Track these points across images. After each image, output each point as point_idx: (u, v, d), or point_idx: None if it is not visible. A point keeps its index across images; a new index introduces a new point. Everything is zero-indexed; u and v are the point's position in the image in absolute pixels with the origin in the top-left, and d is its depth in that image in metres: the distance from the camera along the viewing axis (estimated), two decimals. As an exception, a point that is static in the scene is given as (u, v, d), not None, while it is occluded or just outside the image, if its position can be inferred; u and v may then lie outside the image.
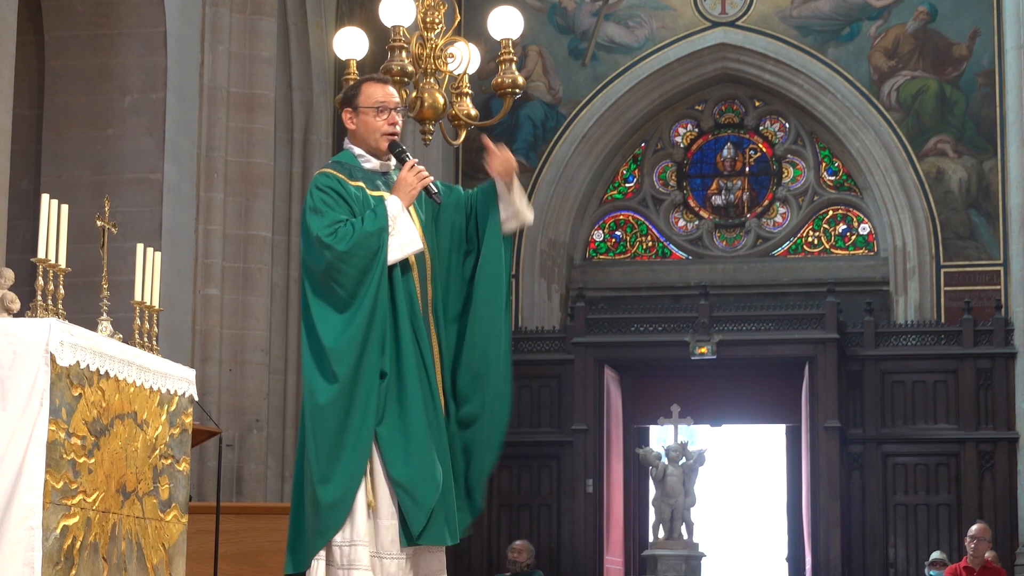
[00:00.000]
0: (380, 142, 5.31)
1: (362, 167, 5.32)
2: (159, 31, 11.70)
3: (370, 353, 5.09)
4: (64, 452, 5.21)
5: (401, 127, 5.39)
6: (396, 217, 5.15)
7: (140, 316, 6.14)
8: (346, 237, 5.05)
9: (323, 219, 5.10)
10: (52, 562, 5.10)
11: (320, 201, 5.14)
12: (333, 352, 5.05)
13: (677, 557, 15.40)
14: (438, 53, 7.65)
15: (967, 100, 16.93)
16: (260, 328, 12.80)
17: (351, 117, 5.33)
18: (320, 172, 5.28)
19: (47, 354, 5.14)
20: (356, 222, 5.10)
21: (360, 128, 5.33)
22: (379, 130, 5.30)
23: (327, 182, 5.20)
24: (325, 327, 5.09)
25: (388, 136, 5.32)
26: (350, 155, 5.36)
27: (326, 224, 5.08)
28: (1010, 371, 15.99)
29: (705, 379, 16.98)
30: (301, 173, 14.83)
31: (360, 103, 5.31)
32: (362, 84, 5.38)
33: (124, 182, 11.47)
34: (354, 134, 5.36)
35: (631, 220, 18.14)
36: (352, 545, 5.05)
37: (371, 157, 5.34)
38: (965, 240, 16.77)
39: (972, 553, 11.80)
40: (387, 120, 5.30)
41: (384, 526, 5.11)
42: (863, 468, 16.16)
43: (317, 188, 5.18)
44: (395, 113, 5.34)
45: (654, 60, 17.70)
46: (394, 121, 5.32)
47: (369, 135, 5.31)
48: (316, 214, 5.12)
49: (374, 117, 5.29)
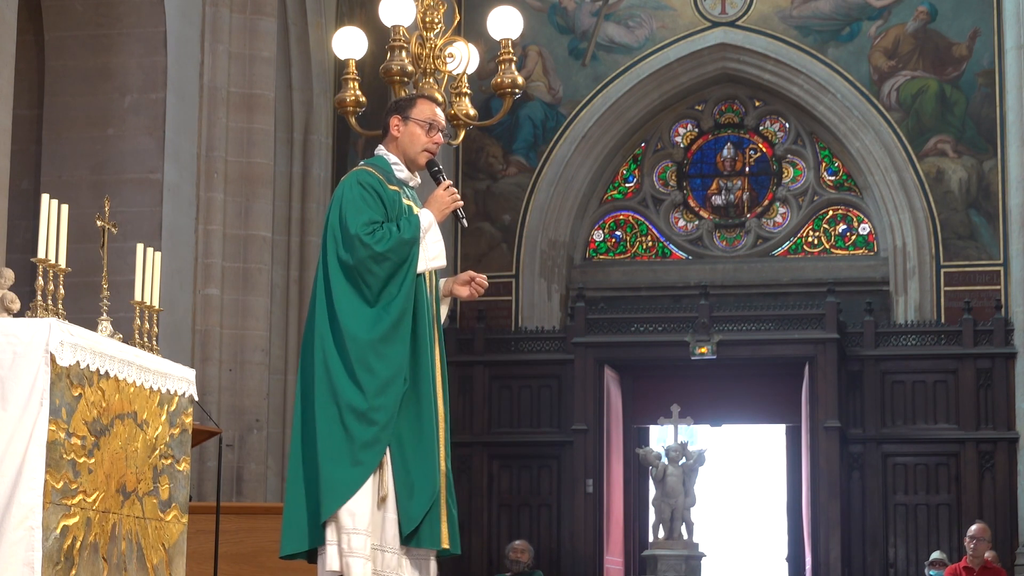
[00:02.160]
0: (420, 156, 5.47)
1: (395, 175, 5.44)
2: (159, 31, 11.70)
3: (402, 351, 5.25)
4: (64, 452, 5.21)
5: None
6: (427, 230, 5.31)
7: (140, 316, 6.15)
8: (384, 240, 5.19)
9: (361, 216, 5.22)
10: (52, 562, 5.10)
11: (360, 197, 5.26)
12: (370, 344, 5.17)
13: (677, 557, 15.39)
14: (437, 53, 7.65)
15: (967, 100, 16.93)
16: (260, 328, 12.80)
17: (398, 125, 5.46)
18: (360, 169, 5.39)
19: (47, 354, 5.14)
20: (393, 227, 5.23)
21: (404, 138, 5.46)
22: (423, 145, 5.45)
23: (369, 180, 5.31)
24: (350, 317, 5.20)
25: (428, 153, 5.48)
26: (385, 161, 5.47)
27: (365, 222, 5.21)
28: (1010, 371, 15.99)
29: (705, 379, 16.98)
30: (301, 173, 14.83)
31: (413, 114, 5.46)
32: (418, 98, 5.54)
33: (124, 182, 11.47)
34: (395, 142, 5.48)
35: (631, 220, 18.14)
36: (356, 533, 5.10)
37: (404, 167, 5.48)
38: (965, 240, 16.77)
39: (972, 553, 11.80)
40: (432, 138, 5.46)
41: (390, 519, 5.18)
42: (863, 468, 16.16)
43: (359, 184, 5.29)
44: (440, 134, 5.50)
45: (654, 60, 17.69)
46: (438, 141, 5.49)
47: (411, 146, 5.45)
48: (355, 209, 5.23)
49: (423, 131, 5.44)
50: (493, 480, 16.85)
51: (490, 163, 17.83)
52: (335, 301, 5.22)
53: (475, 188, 17.81)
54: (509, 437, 16.80)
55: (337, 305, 5.22)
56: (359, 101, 7.94)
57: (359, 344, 5.17)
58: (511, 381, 16.89)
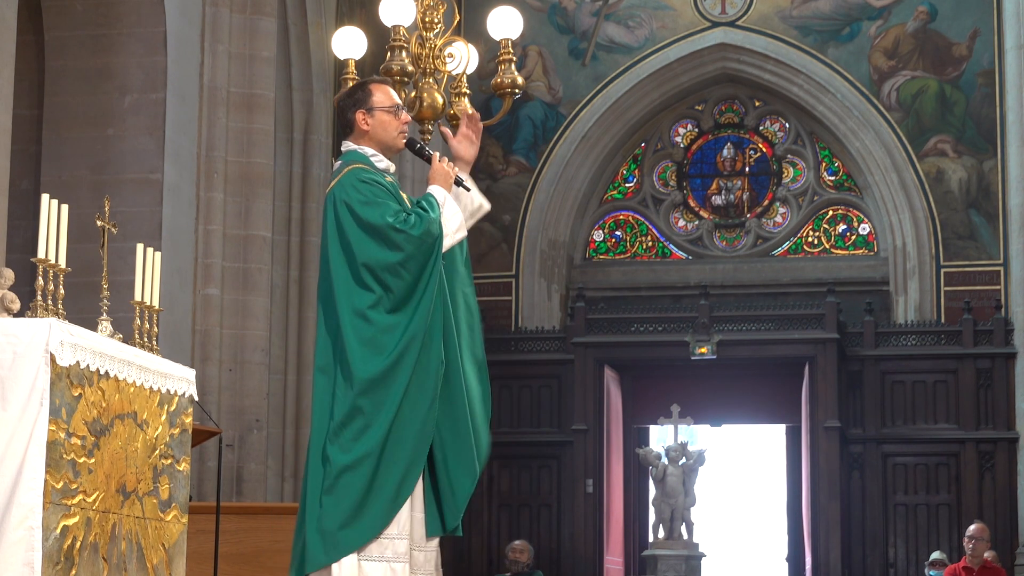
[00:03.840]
0: (398, 140, 5.39)
1: (376, 166, 5.36)
2: (159, 31, 11.69)
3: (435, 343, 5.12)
4: (64, 452, 5.21)
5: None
6: (444, 204, 5.23)
7: (140, 316, 6.15)
8: (417, 224, 5.08)
9: (382, 209, 5.11)
10: (52, 562, 5.10)
11: (371, 193, 5.16)
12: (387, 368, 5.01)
13: (677, 557, 15.39)
14: (437, 53, 7.64)
15: (967, 100, 16.93)
16: (260, 328, 12.79)
17: (365, 118, 5.37)
18: (356, 167, 5.27)
19: (47, 354, 5.14)
20: (418, 210, 5.14)
21: (376, 129, 5.37)
22: (397, 128, 5.38)
23: (370, 176, 5.23)
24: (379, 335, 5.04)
25: (404, 134, 5.42)
26: (361, 155, 5.37)
27: (391, 213, 5.10)
28: (1010, 371, 16.00)
29: (705, 379, 16.98)
30: (301, 173, 14.82)
31: (375, 104, 5.37)
32: (370, 86, 5.42)
33: (124, 182, 11.47)
34: (365, 136, 5.39)
35: (631, 220, 18.14)
36: (400, 538, 5.00)
37: (383, 156, 5.39)
38: (965, 240, 16.77)
39: (971, 553, 11.80)
40: (402, 120, 5.40)
41: (417, 519, 5.10)
42: (863, 468, 16.16)
43: (362, 182, 5.19)
44: (404, 111, 5.44)
45: (654, 60, 17.70)
46: (407, 119, 5.44)
47: (386, 134, 5.37)
48: (372, 206, 5.12)
49: (392, 116, 5.37)
50: (493, 480, 16.85)
51: (490, 163, 17.83)
52: (339, 305, 5.08)
53: (475, 188, 17.81)
54: (509, 437, 16.79)
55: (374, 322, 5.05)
56: (359, 101, 7.92)
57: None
58: (511, 381, 16.89)
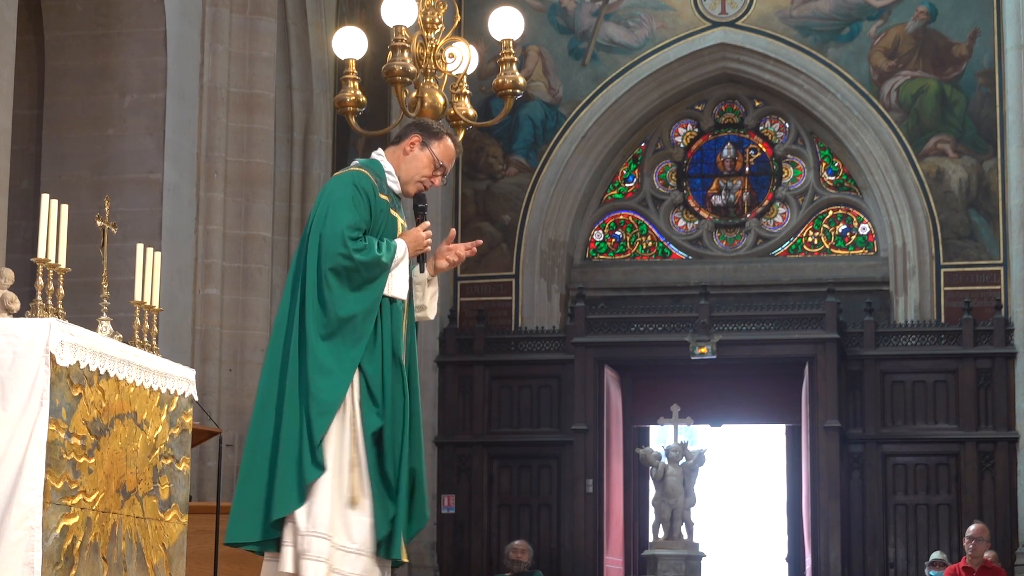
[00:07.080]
0: (413, 186, 5.48)
1: (387, 182, 5.45)
2: (159, 31, 11.70)
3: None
4: (64, 452, 5.21)
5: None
6: (399, 263, 5.29)
7: (140, 316, 6.15)
8: (366, 251, 5.18)
9: (352, 216, 5.21)
10: (52, 562, 5.10)
11: (351, 198, 5.25)
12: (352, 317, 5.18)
13: (677, 557, 15.39)
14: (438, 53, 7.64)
15: (967, 100, 16.93)
16: (260, 328, 12.79)
17: (415, 144, 5.46)
18: (358, 171, 5.38)
19: (47, 354, 5.14)
20: (375, 242, 5.23)
21: (411, 160, 5.47)
22: (425, 177, 5.47)
23: (366, 185, 5.33)
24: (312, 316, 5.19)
25: (422, 186, 5.50)
26: (381, 168, 5.47)
27: (355, 225, 5.21)
28: (1010, 371, 15.99)
29: (705, 379, 16.98)
30: (301, 173, 14.82)
31: (433, 146, 5.46)
32: (446, 136, 5.51)
33: (124, 182, 11.47)
34: (401, 157, 5.48)
35: (631, 220, 18.14)
36: (316, 536, 5.05)
37: (397, 180, 5.47)
38: (965, 240, 16.77)
39: (970, 553, 11.79)
40: (433, 177, 5.48)
41: (363, 523, 5.15)
42: (863, 468, 16.16)
43: (355, 185, 5.29)
44: (441, 178, 5.52)
45: (654, 60, 17.70)
46: (436, 182, 5.52)
47: (413, 172, 5.46)
48: (348, 209, 5.22)
49: (430, 166, 5.46)
50: (493, 480, 16.85)
51: (490, 163, 17.83)
52: (307, 297, 5.20)
53: (475, 188, 17.82)
54: (509, 437, 16.80)
55: (307, 303, 5.20)
56: (359, 101, 7.93)
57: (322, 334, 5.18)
58: (511, 381, 16.90)
